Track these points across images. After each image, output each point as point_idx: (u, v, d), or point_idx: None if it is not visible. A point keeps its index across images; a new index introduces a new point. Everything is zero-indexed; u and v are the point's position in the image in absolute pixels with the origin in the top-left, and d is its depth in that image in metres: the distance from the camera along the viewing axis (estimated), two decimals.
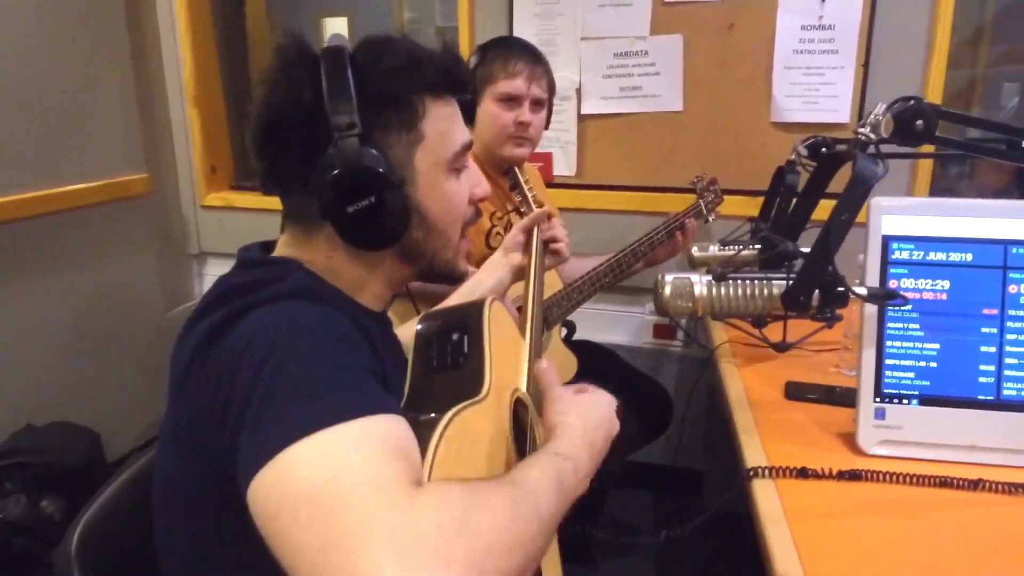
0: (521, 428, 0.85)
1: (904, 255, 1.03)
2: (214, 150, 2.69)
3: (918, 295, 1.03)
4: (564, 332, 1.97)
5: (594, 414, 0.83)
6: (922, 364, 1.04)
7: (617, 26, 2.11)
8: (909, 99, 0.72)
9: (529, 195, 1.40)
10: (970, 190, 2.68)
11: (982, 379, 1.03)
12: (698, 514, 0.98)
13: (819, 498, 0.95)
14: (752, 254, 1.14)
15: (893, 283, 1.03)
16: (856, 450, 1.05)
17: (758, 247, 1.17)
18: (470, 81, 0.89)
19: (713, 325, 1.58)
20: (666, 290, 0.72)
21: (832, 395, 1.21)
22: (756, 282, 0.71)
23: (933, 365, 1.03)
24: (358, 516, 0.51)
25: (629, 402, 1.81)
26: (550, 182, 2.25)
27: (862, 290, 0.69)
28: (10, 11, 2.02)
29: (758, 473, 0.99)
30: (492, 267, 1.28)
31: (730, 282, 0.71)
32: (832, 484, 0.98)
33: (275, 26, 3.37)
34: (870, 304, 1.01)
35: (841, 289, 0.67)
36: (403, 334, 0.93)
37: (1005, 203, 1.06)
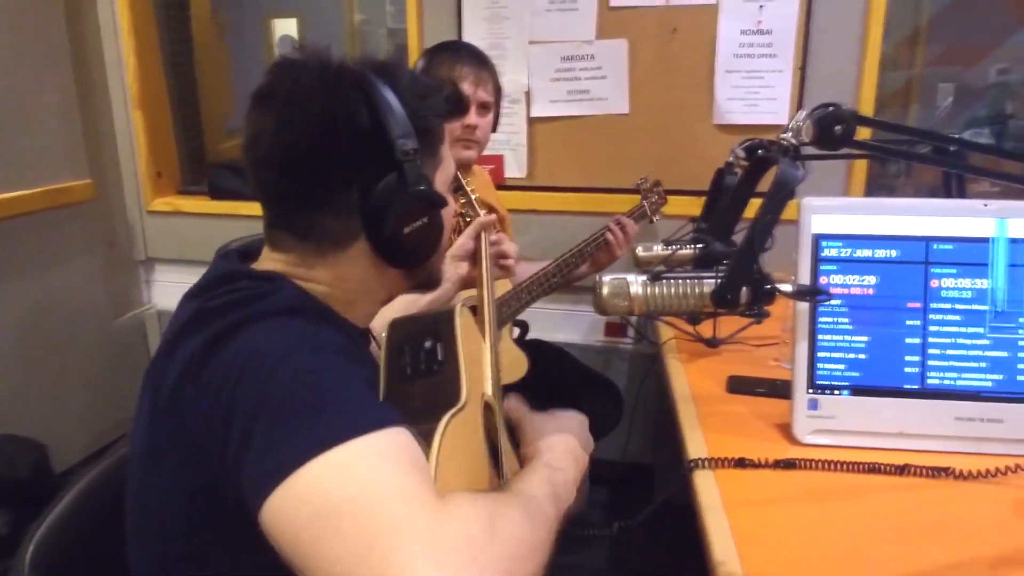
0: (487, 430, 0.88)
1: (833, 252, 1.08)
2: (160, 154, 2.65)
3: (847, 290, 1.08)
4: (517, 332, 2.00)
5: (570, 430, 0.89)
6: (852, 356, 1.09)
7: (564, 30, 2.15)
8: (829, 106, 0.76)
9: (472, 198, 1.42)
10: (907, 187, 2.78)
11: (908, 369, 1.08)
12: (648, 505, 1.01)
13: (756, 487, 0.99)
14: (690, 254, 1.19)
15: (824, 279, 1.08)
16: (792, 440, 1.10)
17: (697, 247, 1.22)
18: (468, 108, 0.93)
19: (661, 322, 1.63)
20: (604, 290, 0.75)
21: (771, 388, 1.26)
22: (688, 281, 0.74)
23: (862, 357, 1.09)
24: (391, 525, 0.53)
25: (580, 399, 1.85)
26: (502, 184, 2.28)
27: (787, 287, 0.73)
28: None
29: (699, 464, 1.03)
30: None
31: (664, 281, 0.74)
32: (769, 473, 1.02)
33: (222, 27, 3.33)
34: (802, 301, 1.06)
35: (768, 287, 0.71)
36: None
37: (927, 202, 1.12)
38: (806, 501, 0.96)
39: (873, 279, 1.08)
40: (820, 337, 1.09)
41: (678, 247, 0.72)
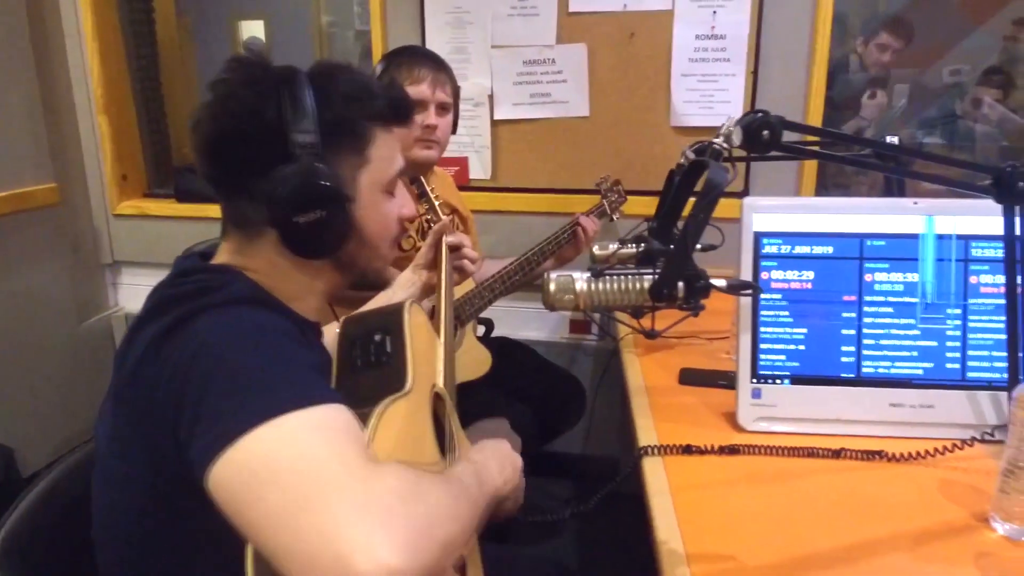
0: (438, 419, 0.93)
1: (774, 249, 1.15)
2: (125, 158, 2.65)
3: (787, 285, 1.15)
4: (483, 330, 2.05)
5: (495, 445, 0.92)
6: (792, 347, 1.15)
7: (525, 35, 2.20)
8: (757, 112, 0.82)
9: (436, 203, 1.47)
10: (862, 186, 2.88)
11: (844, 359, 1.14)
12: (613, 496, 1.07)
13: (702, 472, 1.05)
14: (634, 252, 1.25)
15: (765, 275, 1.15)
16: (737, 427, 1.15)
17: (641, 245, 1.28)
18: (412, 114, 0.97)
19: (620, 318, 1.68)
20: (551, 286, 0.80)
21: (719, 379, 1.32)
22: (629, 277, 0.79)
23: (802, 348, 1.15)
24: (324, 483, 0.58)
25: (543, 394, 1.90)
26: (467, 185, 2.32)
27: (721, 282, 0.79)
28: None
29: (648, 452, 1.09)
30: (405, 283, 1.34)
31: (607, 278, 0.79)
32: (714, 458, 1.08)
33: (187, 31, 3.33)
34: (744, 296, 1.12)
35: (702, 282, 0.76)
36: (326, 338, 0.99)
37: (860, 201, 1.19)
38: (747, 484, 1.02)
39: (811, 274, 1.14)
40: (762, 330, 1.15)
41: (619, 247, 0.77)
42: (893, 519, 0.93)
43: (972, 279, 1.12)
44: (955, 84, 3.17)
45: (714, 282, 0.78)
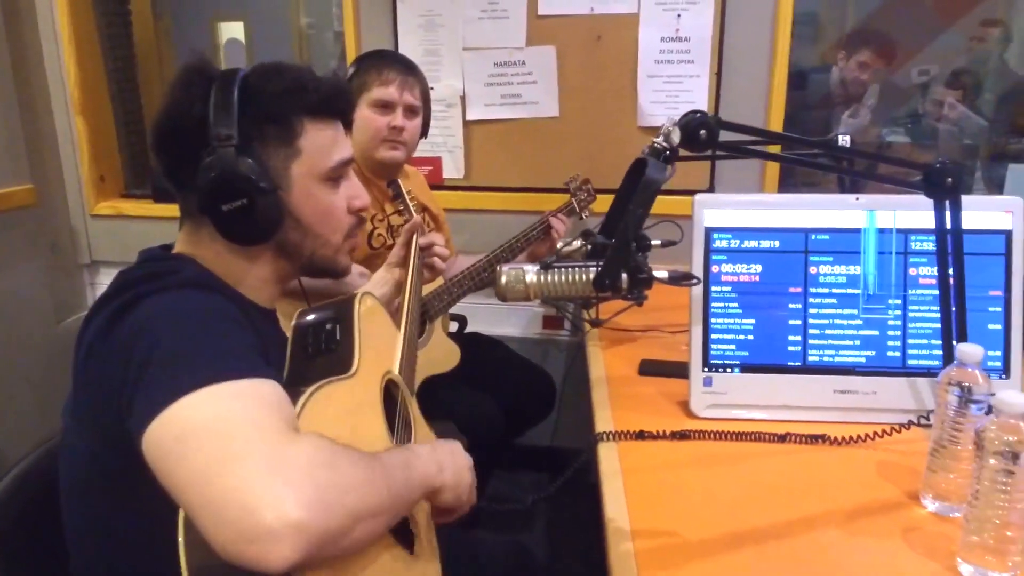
0: (393, 403, 0.98)
1: (724, 243, 1.20)
2: (102, 158, 2.67)
3: (736, 278, 1.20)
4: (456, 326, 2.09)
5: (444, 442, 0.94)
6: (741, 337, 1.20)
7: (496, 37, 2.24)
8: (696, 112, 0.86)
9: (411, 205, 1.51)
10: (832, 184, 2.94)
11: (791, 348, 1.20)
12: (580, 485, 1.11)
13: (653, 456, 1.10)
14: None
15: (715, 268, 1.20)
16: (689, 414, 1.20)
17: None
18: (350, 107, 1.01)
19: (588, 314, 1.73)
20: (502, 278, 0.84)
21: (676, 369, 1.37)
22: (576, 269, 0.83)
23: (751, 338, 1.20)
24: (243, 444, 0.63)
25: (513, 387, 1.94)
26: (440, 184, 2.36)
27: (663, 273, 0.83)
28: None
29: (603, 438, 1.14)
30: (379, 281, 1.38)
31: (555, 270, 0.84)
32: (666, 443, 1.13)
33: (165, 32, 3.34)
34: (696, 288, 1.18)
35: (643, 273, 0.81)
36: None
37: (805, 197, 1.24)
38: (695, 467, 1.07)
39: (759, 267, 1.20)
40: (713, 320, 1.20)
41: (569, 241, 0.81)
42: (830, 498, 0.98)
43: (911, 271, 1.18)
44: (923, 84, 3.25)
45: (656, 274, 0.83)
